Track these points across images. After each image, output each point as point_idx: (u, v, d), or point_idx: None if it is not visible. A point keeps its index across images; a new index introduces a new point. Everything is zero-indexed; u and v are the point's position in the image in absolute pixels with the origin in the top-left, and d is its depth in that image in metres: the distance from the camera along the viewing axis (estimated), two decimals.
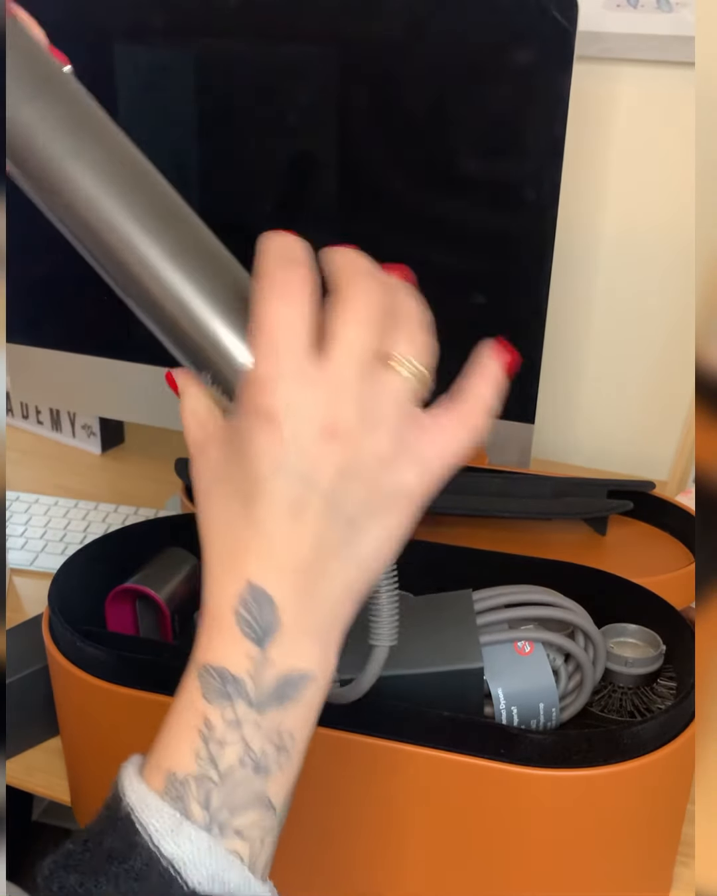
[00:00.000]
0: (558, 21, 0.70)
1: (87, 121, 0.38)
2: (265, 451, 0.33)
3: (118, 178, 0.37)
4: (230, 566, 0.34)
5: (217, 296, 0.38)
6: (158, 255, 0.37)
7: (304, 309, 0.34)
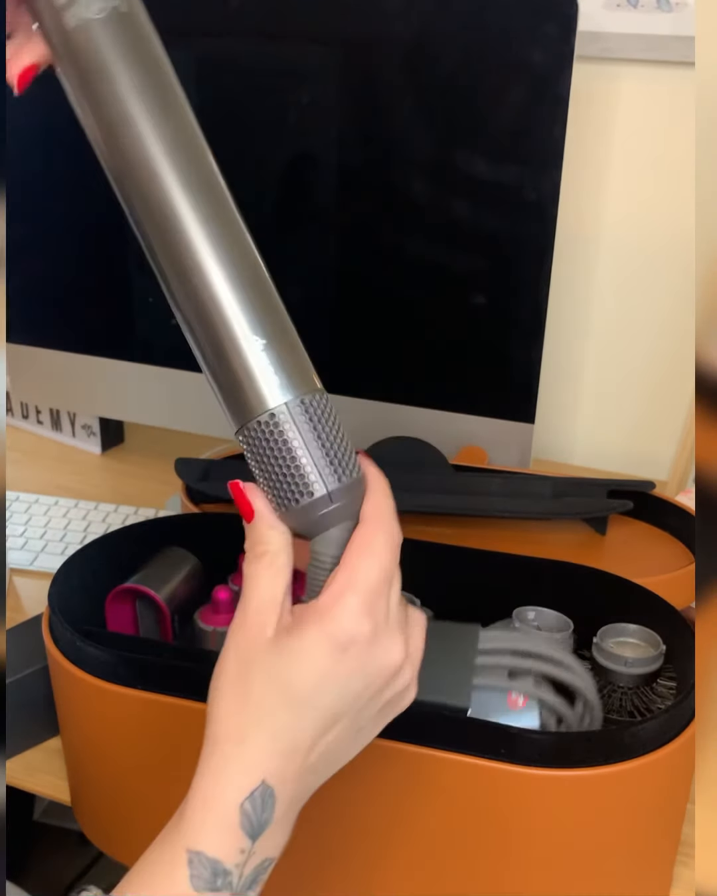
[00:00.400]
0: (558, 21, 0.70)
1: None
2: (326, 675, 0.37)
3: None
4: (249, 761, 0.37)
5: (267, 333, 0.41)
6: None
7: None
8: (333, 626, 0.37)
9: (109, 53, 0.39)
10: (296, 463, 0.40)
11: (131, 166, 0.40)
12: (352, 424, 0.98)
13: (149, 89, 0.40)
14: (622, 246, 1.01)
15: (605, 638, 0.57)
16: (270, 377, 0.40)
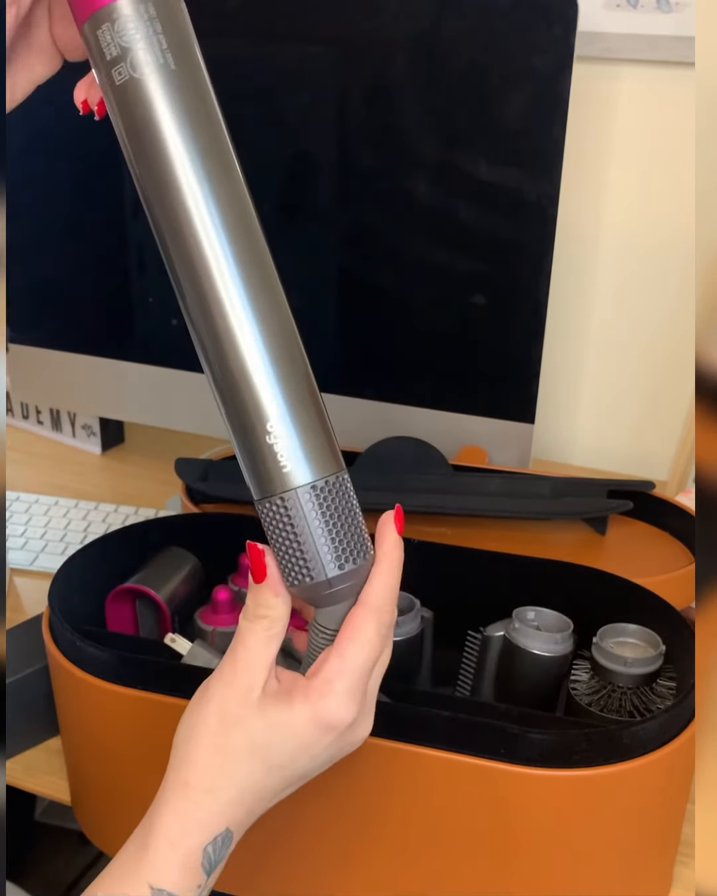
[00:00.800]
0: (558, 21, 0.70)
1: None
2: (304, 748, 0.41)
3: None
4: (217, 810, 0.40)
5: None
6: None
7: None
8: (321, 709, 0.40)
9: (153, 112, 0.39)
10: (300, 548, 0.41)
11: (175, 232, 0.40)
12: (352, 424, 0.98)
13: (192, 153, 0.40)
14: (621, 246, 1.01)
15: (605, 638, 0.57)
16: (286, 462, 0.41)
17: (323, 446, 0.42)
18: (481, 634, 0.61)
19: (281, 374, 0.41)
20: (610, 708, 0.56)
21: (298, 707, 0.40)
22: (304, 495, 0.41)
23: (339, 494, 0.42)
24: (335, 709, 0.40)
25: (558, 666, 0.58)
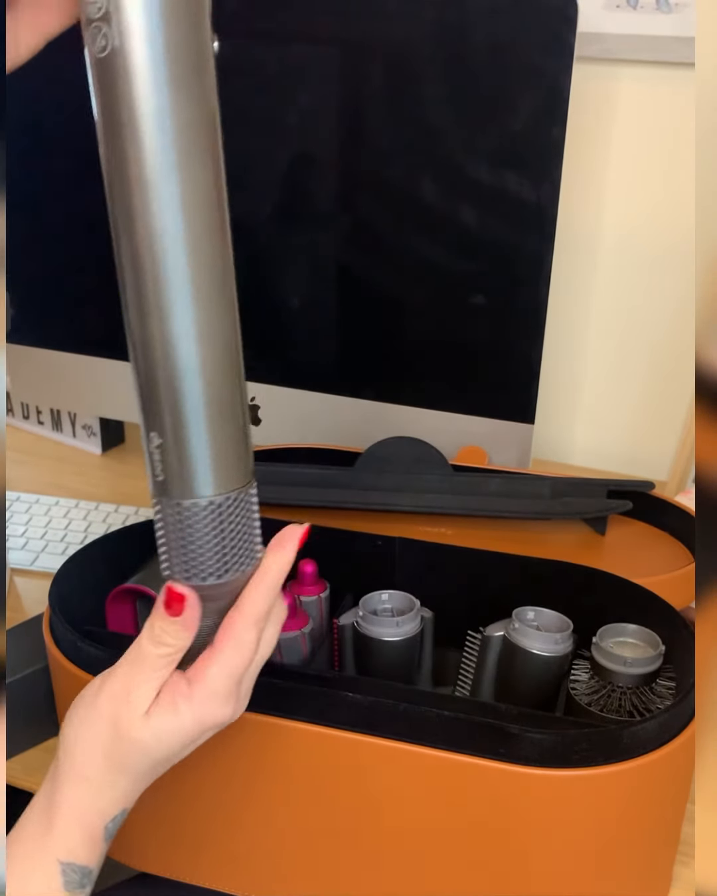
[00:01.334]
0: (558, 22, 0.70)
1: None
2: (188, 744, 0.46)
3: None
4: (116, 796, 0.45)
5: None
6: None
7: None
8: (206, 714, 0.44)
9: (132, 96, 0.35)
10: (186, 552, 0.43)
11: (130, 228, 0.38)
12: (352, 424, 0.98)
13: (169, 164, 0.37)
14: (621, 246, 1.01)
15: (604, 638, 0.57)
16: (192, 471, 0.41)
17: (233, 461, 0.42)
18: (481, 634, 0.61)
19: (206, 381, 0.40)
20: (610, 708, 0.56)
21: (183, 713, 0.44)
22: (202, 509, 0.41)
23: (237, 510, 0.42)
24: (218, 711, 0.44)
25: (557, 666, 0.58)
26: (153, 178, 0.36)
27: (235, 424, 0.41)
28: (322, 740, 0.52)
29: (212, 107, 0.38)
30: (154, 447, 0.41)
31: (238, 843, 0.58)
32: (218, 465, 0.41)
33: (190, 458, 0.41)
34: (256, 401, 0.94)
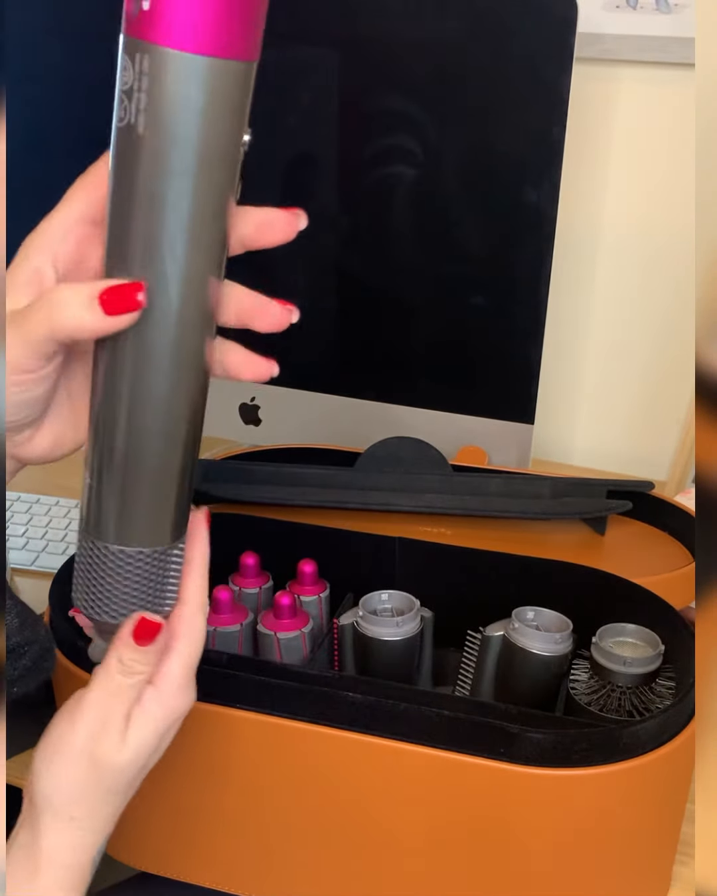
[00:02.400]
0: (558, 22, 0.70)
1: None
2: (166, 735, 0.46)
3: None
4: (102, 825, 0.46)
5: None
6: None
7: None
8: (174, 707, 0.45)
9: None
10: (100, 589, 0.44)
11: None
12: (352, 424, 0.98)
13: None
14: (621, 246, 1.01)
15: (604, 638, 0.57)
16: (116, 521, 0.44)
17: (166, 519, 0.43)
18: (480, 634, 0.61)
19: (149, 445, 0.42)
20: (609, 707, 0.56)
21: (156, 713, 0.45)
22: (117, 555, 0.43)
23: (152, 567, 0.44)
24: (183, 700, 0.46)
25: (557, 665, 0.58)
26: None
27: (168, 487, 0.43)
28: (322, 740, 0.52)
29: (216, 208, 0.36)
30: (86, 484, 0.43)
31: (238, 843, 0.58)
32: (163, 521, 0.43)
33: (111, 506, 0.44)
34: (256, 401, 0.94)
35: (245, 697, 0.53)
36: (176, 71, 0.33)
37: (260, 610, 0.65)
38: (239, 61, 0.33)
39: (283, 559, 0.66)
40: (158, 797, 0.57)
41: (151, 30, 0.32)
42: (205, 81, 0.33)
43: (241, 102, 0.35)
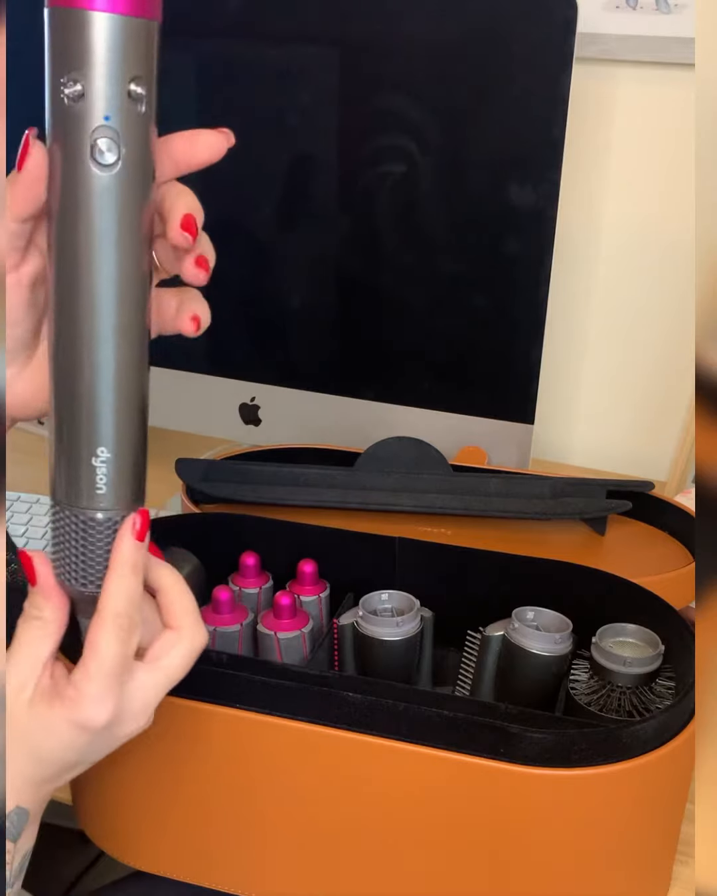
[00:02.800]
0: (558, 22, 0.70)
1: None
2: (69, 746, 0.44)
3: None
4: (9, 793, 0.45)
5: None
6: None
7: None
8: (74, 711, 0.43)
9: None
10: (86, 561, 0.44)
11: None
12: (352, 424, 0.98)
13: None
14: (621, 246, 1.01)
15: (604, 638, 0.57)
16: (110, 485, 0.43)
17: (141, 479, 0.44)
18: (480, 634, 0.61)
19: (140, 396, 0.43)
20: (609, 707, 0.56)
21: (56, 709, 0.43)
22: (115, 520, 0.43)
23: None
24: (87, 712, 0.43)
25: (557, 666, 0.58)
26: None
27: (145, 449, 0.44)
28: (322, 740, 0.52)
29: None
30: (100, 461, 0.43)
31: (236, 842, 0.58)
32: (141, 484, 0.44)
33: (130, 474, 0.43)
34: (256, 401, 0.94)
35: (245, 697, 0.53)
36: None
37: (260, 610, 0.65)
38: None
39: (283, 559, 0.66)
40: (156, 796, 0.57)
41: None
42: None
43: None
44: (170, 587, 0.47)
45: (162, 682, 0.46)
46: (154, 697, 0.46)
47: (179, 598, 0.47)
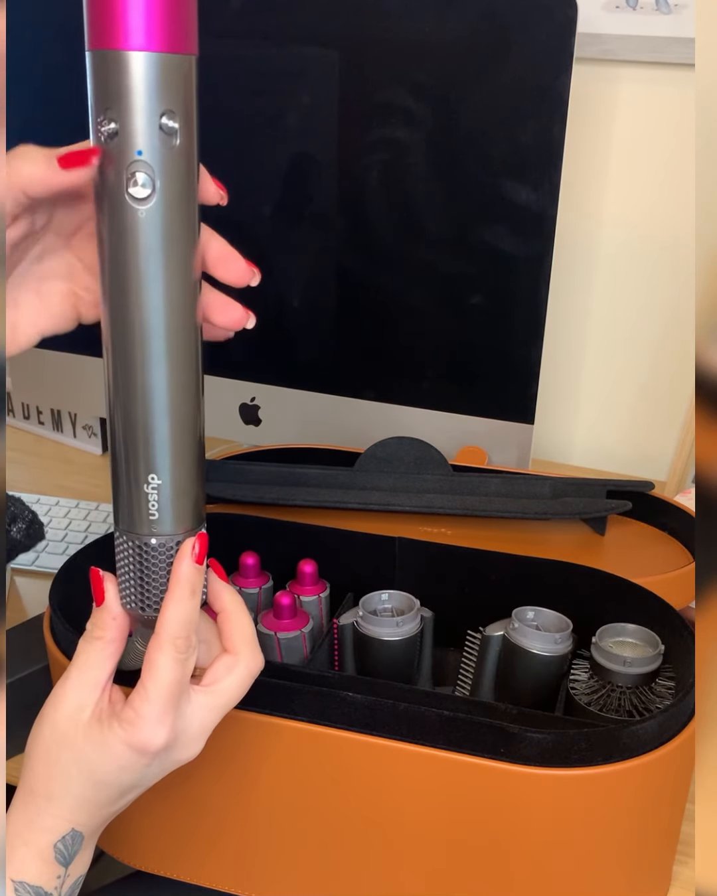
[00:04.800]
0: (558, 22, 0.70)
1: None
2: (125, 768, 0.44)
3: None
4: (58, 814, 0.45)
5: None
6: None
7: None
8: (131, 735, 0.43)
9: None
10: (146, 585, 0.45)
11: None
12: (352, 424, 0.98)
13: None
14: (621, 246, 1.01)
15: (604, 637, 0.57)
16: (163, 510, 0.44)
17: (197, 504, 0.45)
18: (480, 634, 0.61)
19: (193, 425, 0.44)
20: (609, 707, 0.56)
21: (115, 731, 0.44)
22: (170, 545, 0.44)
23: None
24: (144, 734, 0.43)
25: (557, 665, 0.58)
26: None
27: (201, 472, 0.45)
28: (322, 740, 0.52)
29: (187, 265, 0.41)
30: (151, 488, 0.43)
31: (236, 843, 0.58)
32: (196, 506, 0.45)
33: (184, 499, 0.44)
34: (256, 401, 0.94)
35: (245, 698, 0.53)
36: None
37: (260, 610, 0.65)
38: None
39: (283, 559, 0.66)
40: (156, 796, 0.57)
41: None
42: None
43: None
44: (231, 611, 0.47)
45: (218, 705, 0.46)
46: (211, 721, 0.46)
47: (238, 623, 0.47)
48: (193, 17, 0.38)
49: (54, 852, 0.45)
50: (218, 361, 0.94)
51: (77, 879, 0.47)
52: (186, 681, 0.44)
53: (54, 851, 0.45)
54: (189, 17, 0.38)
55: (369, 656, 0.61)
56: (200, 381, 0.44)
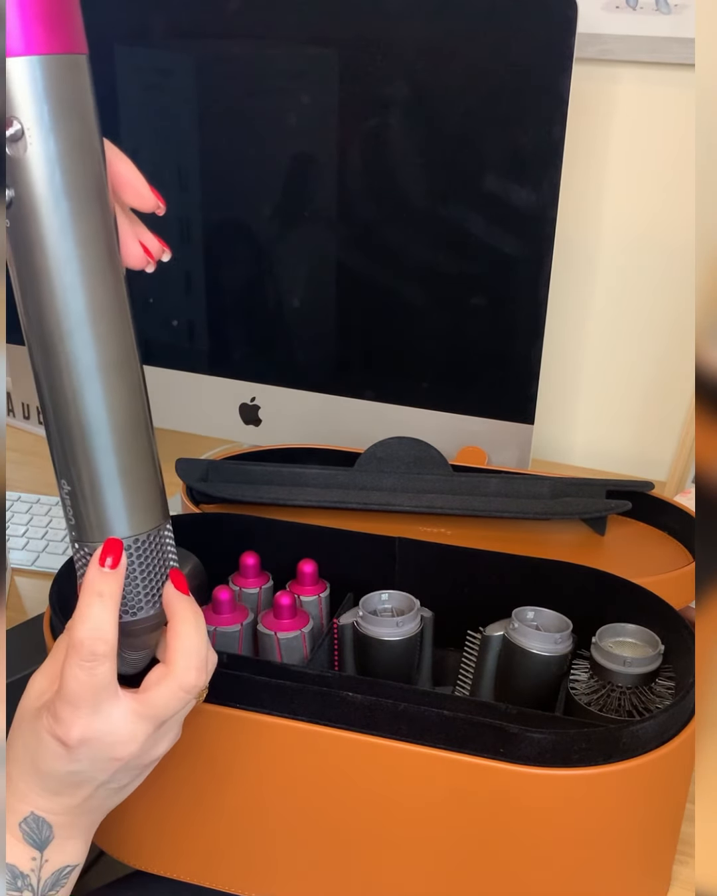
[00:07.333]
0: (558, 22, 0.70)
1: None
2: (59, 757, 0.44)
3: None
4: (19, 795, 0.45)
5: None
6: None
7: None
8: (52, 726, 0.44)
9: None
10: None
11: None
12: (352, 424, 0.98)
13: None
14: (621, 246, 1.01)
15: (604, 638, 0.57)
16: (101, 515, 0.43)
17: (146, 503, 0.43)
18: (480, 634, 0.61)
19: (115, 435, 0.42)
20: (609, 707, 0.56)
21: (43, 720, 0.44)
22: (87, 553, 0.43)
23: (150, 549, 0.44)
24: (60, 728, 0.44)
25: (557, 665, 0.58)
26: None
27: (144, 471, 0.43)
28: (322, 740, 0.52)
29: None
30: (64, 493, 0.42)
31: (234, 842, 0.58)
32: (127, 509, 0.43)
33: (100, 504, 0.42)
34: (256, 401, 0.94)
35: (245, 697, 0.53)
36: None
37: (260, 610, 0.65)
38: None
39: (283, 559, 0.66)
40: (156, 795, 0.57)
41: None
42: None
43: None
44: (177, 622, 0.46)
45: (148, 715, 0.45)
46: (143, 729, 0.45)
47: (181, 636, 0.46)
48: (43, 15, 0.35)
49: (21, 833, 0.45)
50: (218, 361, 0.94)
51: (62, 868, 0.47)
52: (98, 684, 0.43)
53: (21, 832, 0.45)
54: (35, 16, 0.35)
55: (369, 656, 0.61)
56: (138, 381, 0.42)
